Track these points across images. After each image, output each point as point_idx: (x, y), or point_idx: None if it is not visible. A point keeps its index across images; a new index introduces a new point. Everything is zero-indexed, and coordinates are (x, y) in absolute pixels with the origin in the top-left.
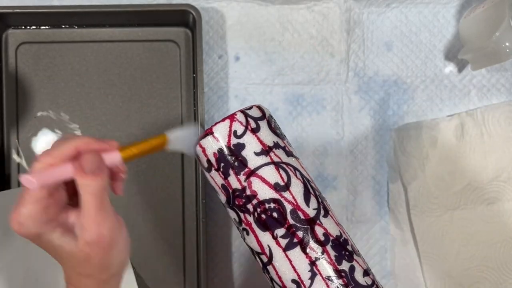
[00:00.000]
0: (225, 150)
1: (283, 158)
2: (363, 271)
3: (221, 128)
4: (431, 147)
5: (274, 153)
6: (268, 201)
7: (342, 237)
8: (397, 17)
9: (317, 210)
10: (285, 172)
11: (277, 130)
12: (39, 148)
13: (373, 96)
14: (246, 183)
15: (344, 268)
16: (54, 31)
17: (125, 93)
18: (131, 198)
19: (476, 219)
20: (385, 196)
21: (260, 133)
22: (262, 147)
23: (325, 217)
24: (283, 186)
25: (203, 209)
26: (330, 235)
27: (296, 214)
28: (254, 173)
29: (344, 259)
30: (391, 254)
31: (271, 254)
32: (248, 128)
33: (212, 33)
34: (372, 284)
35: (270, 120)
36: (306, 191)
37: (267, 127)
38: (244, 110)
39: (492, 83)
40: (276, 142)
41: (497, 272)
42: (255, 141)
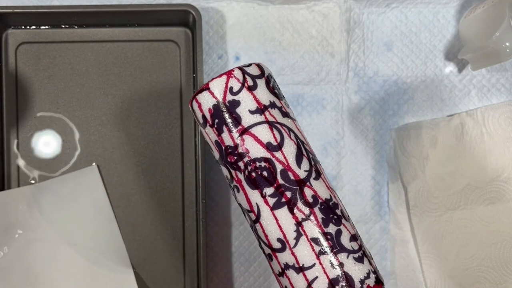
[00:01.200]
0: (220, 106)
1: (278, 118)
2: (351, 236)
3: (218, 83)
4: (431, 147)
5: (269, 113)
6: (259, 159)
7: (332, 201)
8: (397, 17)
9: (308, 172)
10: (279, 132)
11: (276, 90)
12: (39, 148)
13: (373, 96)
14: (239, 141)
15: (330, 231)
16: (54, 31)
17: (125, 93)
18: (131, 198)
19: (476, 219)
20: (385, 196)
21: (256, 91)
22: (257, 106)
23: (316, 180)
24: (276, 146)
25: (203, 209)
26: (319, 198)
27: (286, 174)
28: (247, 131)
29: (332, 222)
30: (391, 254)
31: (259, 212)
32: (245, 85)
33: (212, 33)
34: (358, 249)
35: (269, 79)
36: (299, 152)
37: (265, 86)
38: (243, 67)
39: (492, 83)
40: (272, 101)
41: (497, 272)
42: (251, 99)
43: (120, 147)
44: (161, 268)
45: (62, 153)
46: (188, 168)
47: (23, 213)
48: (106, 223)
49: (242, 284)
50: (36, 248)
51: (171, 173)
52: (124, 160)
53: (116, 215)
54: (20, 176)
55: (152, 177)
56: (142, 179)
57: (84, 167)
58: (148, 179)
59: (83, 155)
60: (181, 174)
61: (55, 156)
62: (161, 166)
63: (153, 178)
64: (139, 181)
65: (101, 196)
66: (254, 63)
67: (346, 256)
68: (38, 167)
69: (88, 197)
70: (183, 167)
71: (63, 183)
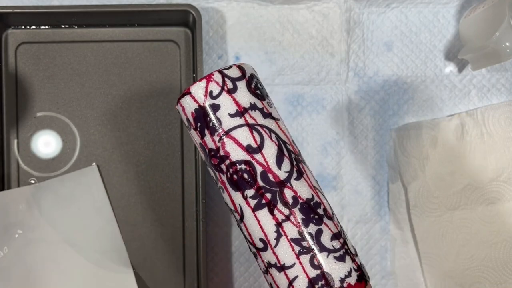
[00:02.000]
0: (201, 110)
1: (258, 120)
2: (332, 234)
3: (198, 88)
4: (431, 147)
5: (249, 115)
6: (239, 162)
7: (313, 200)
8: (397, 17)
9: (289, 173)
10: (259, 134)
11: (258, 90)
12: (39, 148)
13: (373, 96)
14: (220, 144)
15: (310, 231)
16: (54, 31)
17: (125, 93)
18: (131, 198)
19: (476, 219)
20: (385, 196)
21: (236, 94)
22: (237, 109)
23: (297, 180)
24: (256, 148)
25: (203, 209)
26: (300, 198)
27: (266, 176)
28: (227, 134)
29: (312, 222)
30: (391, 254)
31: (242, 212)
32: (225, 88)
33: (212, 33)
34: (340, 248)
35: (251, 80)
36: (280, 153)
37: (245, 87)
38: (222, 70)
39: (492, 83)
40: (253, 103)
41: (497, 272)
42: (231, 102)
43: (120, 147)
44: (161, 268)
45: (62, 153)
46: (188, 168)
47: (23, 213)
48: (106, 223)
49: (242, 284)
50: (36, 248)
51: (171, 173)
52: (124, 160)
53: (116, 215)
54: (20, 176)
55: (152, 177)
56: (142, 179)
57: (84, 167)
58: (148, 179)
59: (83, 155)
60: (181, 174)
61: (55, 156)
62: (161, 166)
63: (153, 178)
64: (139, 181)
65: (101, 196)
66: (235, 64)
67: (326, 255)
68: (38, 167)
69: (88, 197)
70: (183, 167)
71: (63, 183)
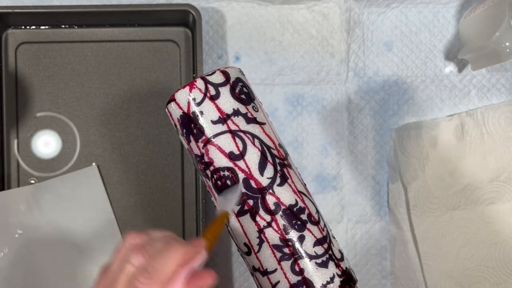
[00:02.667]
0: (185, 117)
1: (241, 126)
2: (315, 240)
3: (182, 95)
4: (431, 147)
5: (232, 121)
6: (222, 169)
7: (297, 206)
8: (397, 17)
9: (272, 179)
10: (241, 140)
11: (243, 95)
12: (39, 148)
13: (373, 96)
14: (204, 150)
15: (291, 238)
16: (54, 31)
17: (125, 93)
18: (131, 198)
19: (476, 219)
20: (385, 196)
21: (219, 100)
22: (219, 115)
23: (281, 186)
24: (238, 155)
25: (203, 209)
26: (282, 204)
27: (248, 183)
28: (210, 141)
29: (294, 229)
30: (391, 254)
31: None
32: (207, 95)
33: (212, 33)
34: (323, 253)
35: (235, 85)
36: (263, 159)
37: (229, 93)
38: (205, 76)
39: (492, 83)
40: (236, 109)
41: (497, 272)
42: (213, 109)
43: (120, 147)
44: None
45: (62, 153)
46: (188, 168)
47: (23, 213)
48: (106, 223)
49: (242, 284)
50: (36, 248)
51: (171, 173)
52: (124, 160)
53: (116, 215)
54: (20, 176)
55: (152, 177)
56: (142, 179)
57: (84, 167)
58: (148, 179)
59: (83, 155)
60: (181, 174)
61: (55, 156)
62: (161, 166)
63: (153, 178)
64: (139, 181)
65: (101, 196)
66: (219, 69)
67: (307, 261)
68: (38, 167)
69: (88, 197)
70: (183, 167)
71: (63, 183)
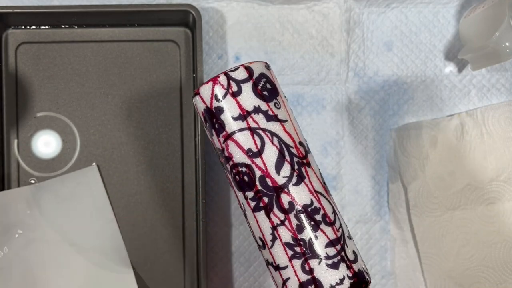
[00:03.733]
0: (208, 111)
1: (261, 124)
2: (328, 241)
3: (205, 90)
4: (431, 147)
5: (252, 118)
6: (241, 165)
7: (312, 206)
8: (397, 17)
9: (288, 178)
10: (260, 138)
11: (266, 91)
12: (39, 148)
13: (373, 96)
14: (224, 145)
15: (303, 237)
16: (54, 31)
17: (125, 93)
18: (131, 198)
19: (476, 219)
20: (385, 196)
21: (240, 97)
22: (240, 112)
23: (297, 185)
24: (256, 152)
25: (203, 209)
26: (297, 204)
27: (264, 181)
28: (230, 137)
29: (306, 229)
30: (391, 254)
31: (245, 211)
32: (229, 91)
33: (212, 33)
34: (335, 255)
35: (258, 81)
36: (280, 158)
37: (251, 89)
38: (228, 72)
39: (492, 83)
40: (257, 106)
41: (497, 272)
42: (234, 105)
43: (120, 147)
44: (161, 268)
45: (62, 153)
46: (188, 168)
47: (23, 213)
48: (106, 223)
49: (242, 284)
50: (36, 248)
51: (171, 173)
52: (124, 160)
53: (116, 215)
54: (20, 176)
55: (152, 177)
56: (142, 179)
57: (84, 167)
58: (148, 179)
59: (83, 155)
60: (181, 174)
61: (55, 156)
62: (161, 166)
63: (153, 178)
64: (139, 181)
65: (101, 196)
66: (243, 64)
67: (318, 262)
68: (38, 167)
69: (88, 197)
70: (183, 167)
71: (63, 183)
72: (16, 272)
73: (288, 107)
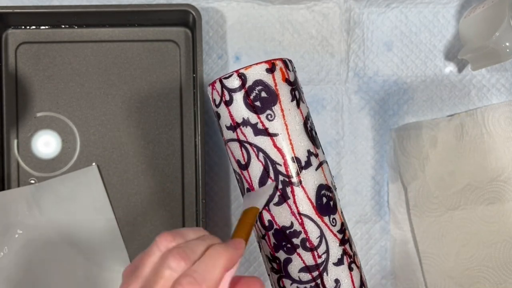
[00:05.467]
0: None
1: (249, 137)
2: (303, 266)
3: (209, 92)
4: (431, 147)
5: (241, 130)
6: (235, 171)
7: (291, 229)
8: (397, 17)
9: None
10: (247, 152)
11: (258, 101)
12: (39, 148)
13: (373, 96)
14: (226, 147)
15: (279, 257)
16: (54, 31)
17: (125, 93)
18: (131, 198)
19: (476, 219)
20: (385, 196)
21: (232, 107)
22: (231, 122)
23: (278, 205)
24: (244, 164)
25: (203, 209)
26: (275, 224)
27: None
28: (226, 143)
29: (283, 250)
30: (391, 254)
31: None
32: (223, 99)
33: (212, 33)
34: (309, 281)
35: (251, 91)
36: (264, 174)
37: (242, 100)
38: (222, 79)
39: (492, 83)
40: (246, 118)
41: (497, 272)
42: (227, 114)
43: (120, 147)
44: None
45: (62, 153)
46: (188, 168)
47: (23, 213)
48: (106, 223)
49: None
50: (36, 248)
51: (171, 173)
52: (124, 160)
53: (116, 215)
54: (20, 176)
55: (152, 177)
56: (142, 179)
57: (84, 167)
58: (148, 179)
59: (83, 155)
60: (181, 174)
61: (55, 156)
62: (161, 166)
63: (153, 178)
64: (139, 181)
65: (101, 196)
66: (237, 71)
67: (290, 283)
68: (38, 167)
69: (88, 197)
70: (183, 167)
71: (63, 183)
72: (16, 272)
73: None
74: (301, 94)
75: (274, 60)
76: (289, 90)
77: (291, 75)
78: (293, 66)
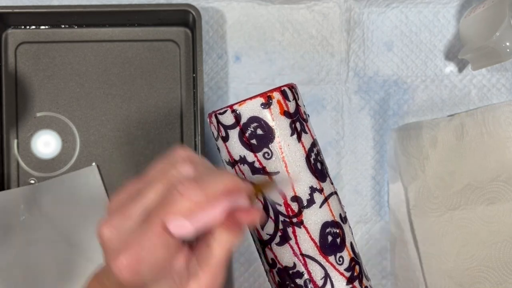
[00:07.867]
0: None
1: (246, 175)
2: None
3: (208, 123)
4: (431, 147)
5: (239, 168)
6: None
7: (294, 269)
8: (397, 17)
9: (271, 236)
10: None
11: (254, 139)
12: (39, 148)
13: (373, 96)
14: None
15: None
16: (54, 31)
17: (125, 93)
18: None
19: (476, 219)
20: (385, 196)
21: (228, 143)
22: (229, 158)
23: (280, 245)
24: None
25: None
26: (279, 263)
27: (253, 230)
28: None
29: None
30: (391, 254)
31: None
32: (220, 134)
33: (212, 33)
34: None
35: (246, 128)
36: (264, 214)
37: (238, 137)
38: (217, 114)
39: (492, 83)
40: (243, 156)
41: (497, 272)
42: (225, 150)
43: (120, 147)
44: None
45: (62, 153)
46: None
47: (23, 213)
48: None
49: (242, 284)
50: (36, 248)
51: None
52: (124, 160)
53: None
54: (20, 176)
55: None
56: None
57: (84, 167)
58: None
59: (83, 155)
60: None
61: (55, 156)
62: None
63: None
64: None
65: (101, 196)
66: (231, 106)
67: None
68: (38, 167)
69: (88, 197)
70: None
71: (63, 183)
72: (16, 272)
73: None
74: (303, 124)
75: (270, 92)
76: (289, 124)
77: (291, 106)
78: (295, 93)
